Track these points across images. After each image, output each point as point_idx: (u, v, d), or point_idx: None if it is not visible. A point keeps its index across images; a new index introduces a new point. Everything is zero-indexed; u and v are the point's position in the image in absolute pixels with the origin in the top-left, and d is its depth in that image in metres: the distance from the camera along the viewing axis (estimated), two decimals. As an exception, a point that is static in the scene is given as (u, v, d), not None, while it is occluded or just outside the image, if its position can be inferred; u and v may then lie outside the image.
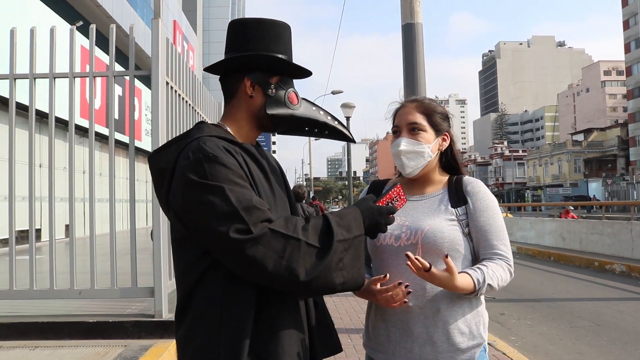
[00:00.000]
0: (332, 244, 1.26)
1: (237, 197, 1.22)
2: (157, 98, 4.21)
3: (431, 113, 1.70)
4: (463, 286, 1.49)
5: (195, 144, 1.30)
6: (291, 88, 1.49)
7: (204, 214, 1.22)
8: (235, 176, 1.26)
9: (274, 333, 1.30)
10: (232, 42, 1.47)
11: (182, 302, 1.34)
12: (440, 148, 1.71)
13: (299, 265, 1.22)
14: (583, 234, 12.63)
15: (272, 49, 1.44)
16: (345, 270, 1.28)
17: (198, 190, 1.23)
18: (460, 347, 1.56)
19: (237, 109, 1.46)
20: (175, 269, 1.39)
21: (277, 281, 1.23)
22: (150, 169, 1.40)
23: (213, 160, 1.25)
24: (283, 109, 1.45)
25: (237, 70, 1.45)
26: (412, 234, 1.61)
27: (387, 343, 1.63)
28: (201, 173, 1.24)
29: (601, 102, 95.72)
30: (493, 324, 6.03)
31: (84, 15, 17.87)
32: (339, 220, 1.31)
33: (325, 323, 1.51)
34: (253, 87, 1.44)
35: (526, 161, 78.46)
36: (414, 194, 1.72)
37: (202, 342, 1.27)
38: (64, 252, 7.61)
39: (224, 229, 1.20)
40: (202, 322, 1.28)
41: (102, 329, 4.05)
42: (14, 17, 10.82)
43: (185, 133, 1.39)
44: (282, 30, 1.47)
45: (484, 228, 1.62)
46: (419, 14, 5.25)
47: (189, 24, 35.55)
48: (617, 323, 6.11)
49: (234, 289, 1.27)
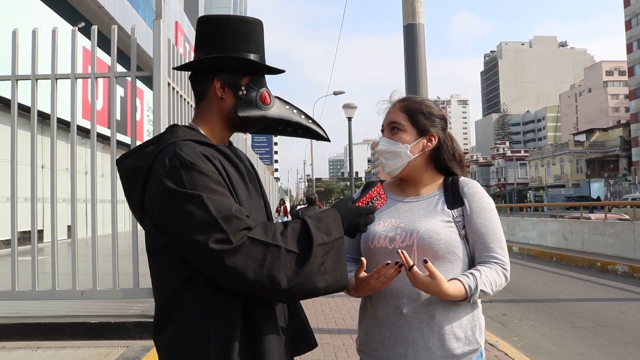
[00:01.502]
0: (312, 249, 1.23)
1: (216, 206, 1.19)
2: (158, 99, 4.22)
3: (414, 113, 1.66)
4: (453, 293, 1.46)
5: (170, 149, 1.26)
6: (263, 87, 1.43)
7: (182, 224, 1.19)
8: (214, 183, 1.23)
9: (259, 337, 1.29)
10: (201, 40, 1.43)
11: (162, 311, 1.31)
12: (424, 149, 1.66)
13: (280, 272, 1.19)
14: (585, 234, 12.61)
15: (242, 47, 1.39)
16: (328, 274, 1.26)
17: (176, 199, 1.20)
18: (456, 353, 1.53)
19: (208, 110, 1.42)
20: (152, 278, 1.35)
21: (259, 289, 1.21)
22: (120, 174, 1.36)
23: (190, 167, 1.22)
24: (254, 110, 1.41)
25: (207, 71, 1.41)
26: (407, 235, 1.57)
27: (380, 348, 1.60)
28: (178, 181, 1.20)
29: (603, 103, 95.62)
30: (495, 324, 6.02)
31: (85, 16, 17.90)
32: (317, 224, 1.28)
33: (299, 320, 1.49)
34: (223, 88, 1.39)
35: (528, 162, 78.34)
36: (408, 195, 1.70)
37: (190, 351, 1.24)
38: (66, 253, 7.62)
39: (203, 239, 1.17)
40: (189, 330, 1.25)
41: (104, 330, 4.06)
42: (16, 18, 10.84)
43: (159, 136, 1.35)
44: (252, 27, 1.42)
45: (481, 230, 1.59)
46: (420, 14, 5.25)
47: (191, 25, 35.59)
48: (619, 324, 6.09)
49: (219, 297, 1.25)
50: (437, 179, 1.71)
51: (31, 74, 4.37)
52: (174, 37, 29.00)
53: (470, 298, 1.50)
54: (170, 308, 1.28)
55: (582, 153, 66.68)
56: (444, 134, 1.70)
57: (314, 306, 6.41)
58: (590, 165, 64.52)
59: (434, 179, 1.71)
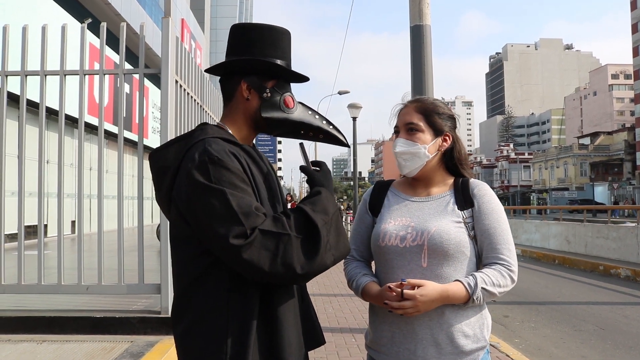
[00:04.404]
0: (318, 232, 1.31)
1: (238, 202, 1.26)
2: (166, 96, 4.24)
3: (430, 113, 1.69)
4: (454, 290, 1.51)
5: (200, 145, 1.33)
6: (287, 92, 1.52)
7: (205, 216, 1.27)
8: (238, 180, 1.30)
9: (276, 327, 1.35)
10: (232, 46, 1.52)
11: (180, 299, 1.38)
12: (440, 149, 1.70)
13: (294, 259, 1.27)
14: (588, 237, 12.59)
15: (269, 53, 1.48)
16: (334, 249, 1.35)
17: (202, 192, 1.27)
18: (464, 350, 1.56)
19: (234, 110, 1.50)
20: (173, 266, 1.43)
21: (277, 278, 1.28)
22: (151, 167, 1.44)
23: (218, 163, 1.29)
24: (278, 112, 1.49)
25: (235, 74, 1.50)
26: (418, 235, 1.60)
27: (390, 345, 1.62)
28: (206, 175, 1.28)
29: (608, 106, 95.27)
30: (497, 326, 6.03)
31: (92, 12, 17.95)
32: (313, 207, 1.36)
33: (310, 317, 1.54)
34: (249, 90, 1.48)
35: (532, 164, 78.16)
36: (419, 194, 1.72)
37: (208, 337, 1.30)
38: (71, 248, 7.67)
39: (224, 231, 1.24)
40: (208, 318, 1.31)
41: (108, 325, 4.09)
42: (24, 14, 10.90)
43: (189, 133, 1.43)
44: (279, 36, 1.51)
45: (489, 231, 1.61)
46: (427, 15, 5.26)
47: (197, 23, 35.63)
48: (621, 327, 6.09)
49: (239, 286, 1.31)
50: (447, 180, 1.74)
51: (40, 69, 4.40)
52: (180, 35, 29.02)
53: (473, 296, 1.52)
54: (191, 296, 1.34)
55: (586, 156, 66.47)
56: (455, 134, 1.74)
57: (317, 305, 6.43)
58: (595, 168, 64.31)
59: (444, 179, 1.74)
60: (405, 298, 1.47)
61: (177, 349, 1.38)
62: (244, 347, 1.28)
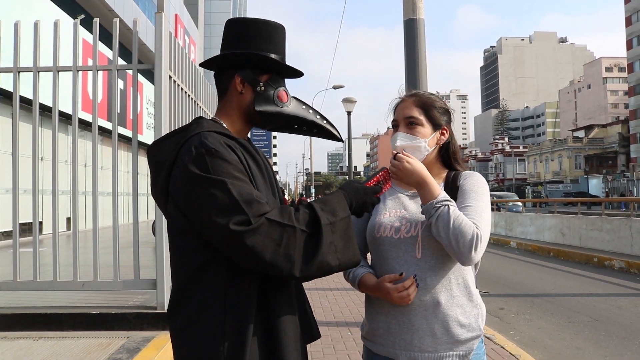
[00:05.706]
0: (321, 229, 1.31)
1: (239, 191, 1.27)
2: (160, 92, 4.23)
3: (429, 107, 1.71)
4: (431, 184, 1.56)
5: (196, 138, 1.34)
6: (281, 87, 1.53)
7: (205, 207, 1.26)
8: (236, 171, 1.30)
9: (274, 321, 1.35)
10: (226, 40, 1.52)
11: (178, 293, 1.37)
12: (438, 142, 1.72)
13: (296, 252, 1.27)
14: (583, 230, 12.66)
15: (263, 48, 1.48)
16: (339, 252, 1.34)
17: (200, 184, 1.27)
18: (460, 339, 1.58)
19: (228, 104, 1.51)
20: (171, 260, 1.43)
21: (275, 269, 1.27)
22: (149, 160, 1.44)
23: (215, 155, 1.29)
24: (271, 106, 1.50)
25: (229, 68, 1.50)
26: (412, 226, 1.63)
27: (386, 335, 1.64)
28: (203, 167, 1.28)
29: (602, 99, 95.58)
30: (492, 318, 6.07)
31: (85, 8, 17.84)
32: (322, 206, 1.36)
33: (305, 311, 1.55)
34: (243, 83, 1.49)
35: (527, 157, 78.43)
36: (413, 188, 1.72)
37: (206, 332, 1.30)
38: (66, 244, 7.65)
39: (224, 220, 1.24)
40: (206, 311, 1.31)
41: (104, 321, 4.10)
42: (16, 10, 10.82)
43: (185, 127, 1.43)
44: (274, 31, 1.52)
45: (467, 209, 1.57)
46: (421, 9, 5.26)
47: (191, 18, 35.47)
48: (615, 318, 6.15)
49: (237, 279, 1.32)
50: (442, 173, 1.76)
51: (33, 66, 4.38)
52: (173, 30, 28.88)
53: (437, 203, 1.53)
54: (189, 289, 1.34)
55: (580, 149, 66.78)
56: (450, 128, 1.76)
57: (313, 299, 6.45)
58: (589, 161, 64.57)
59: (440, 172, 1.76)
60: (396, 159, 1.55)
61: (173, 343, 1.38)
62: (242, 341, 1.28)
